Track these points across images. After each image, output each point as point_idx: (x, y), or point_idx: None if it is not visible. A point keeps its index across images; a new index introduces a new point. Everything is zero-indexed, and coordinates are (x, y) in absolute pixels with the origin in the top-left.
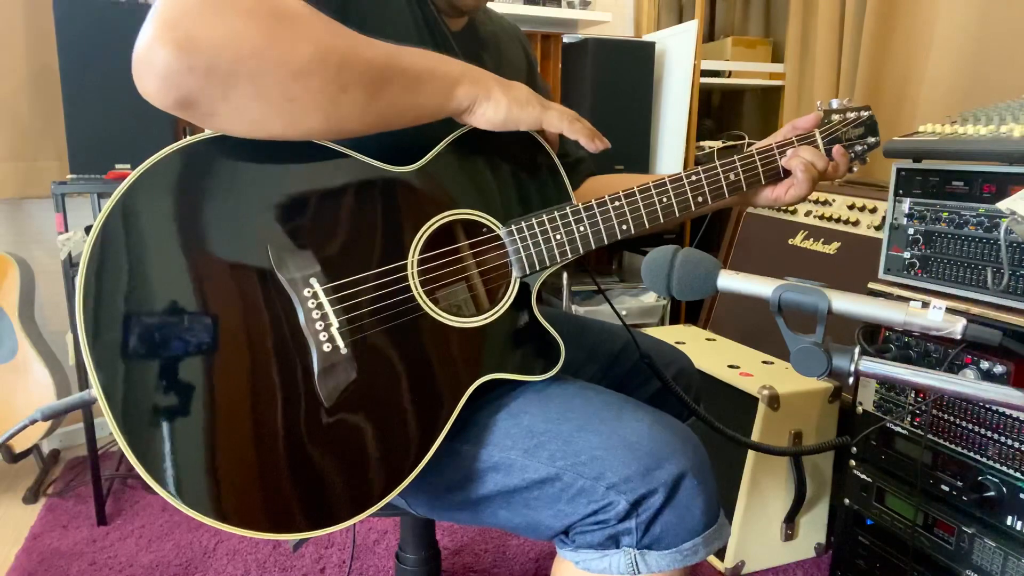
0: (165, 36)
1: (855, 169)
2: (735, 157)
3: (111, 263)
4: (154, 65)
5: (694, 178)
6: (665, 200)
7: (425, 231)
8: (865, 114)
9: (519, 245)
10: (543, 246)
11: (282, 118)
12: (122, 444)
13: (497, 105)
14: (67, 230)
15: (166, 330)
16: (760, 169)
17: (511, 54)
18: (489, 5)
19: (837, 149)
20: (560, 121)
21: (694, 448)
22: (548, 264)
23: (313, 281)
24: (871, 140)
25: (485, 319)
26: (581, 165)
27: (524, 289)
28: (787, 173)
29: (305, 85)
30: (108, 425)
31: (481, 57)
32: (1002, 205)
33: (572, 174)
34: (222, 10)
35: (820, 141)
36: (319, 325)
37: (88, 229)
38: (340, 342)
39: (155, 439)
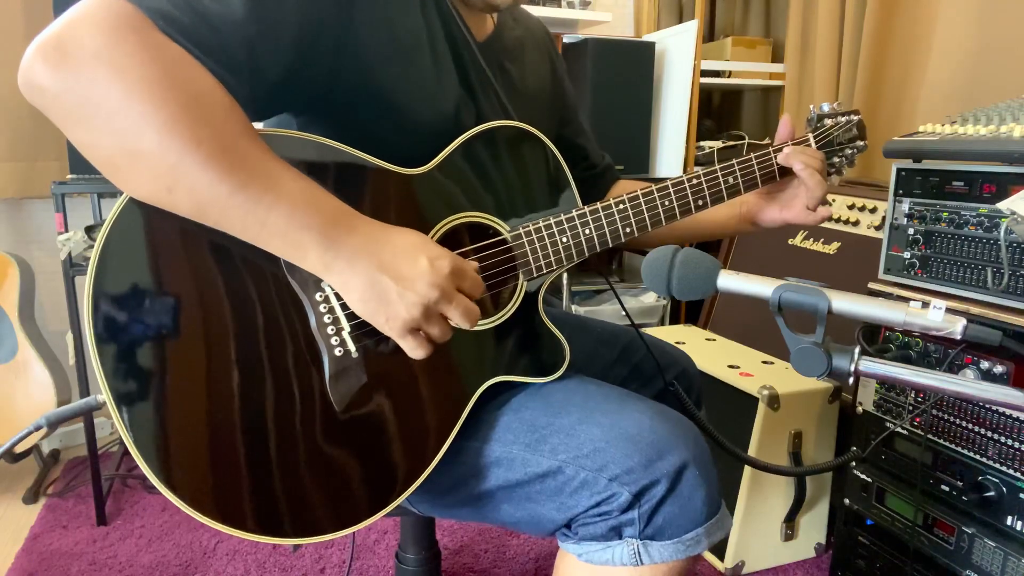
0: (47, 49)
1: (844, 172)
2: (733, 161)
3: (119, 268)
4: (25, 69)
5: (695, 181)
6: (667, 203)
7: (434, 234)
8: (855, 118)
9: (526, 248)
10: (550, 249)
11: (107, 174)
12: (134, 452)
13: (353, 301)
14: (67, 230)
15: (176, 335)
16: (757, 172)
17: (536, 63)
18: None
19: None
20: (414, 350)
21: (695, 439)
22: (555, 267)
23: (324, 285)
24: (860, 144)
25: (493, 322)
26: (608, 172)
27: (530, 292)
28: (783, 173)
29: (132, 164)
30: (108, 426)
31: (505, 67)
32: (1002, 205)
33: (600, 181)
34: (110, 54)
35: (814, 145)
36: (330, 329)
37: (88, 229)
38: (351, 346)
39: (167, 447)
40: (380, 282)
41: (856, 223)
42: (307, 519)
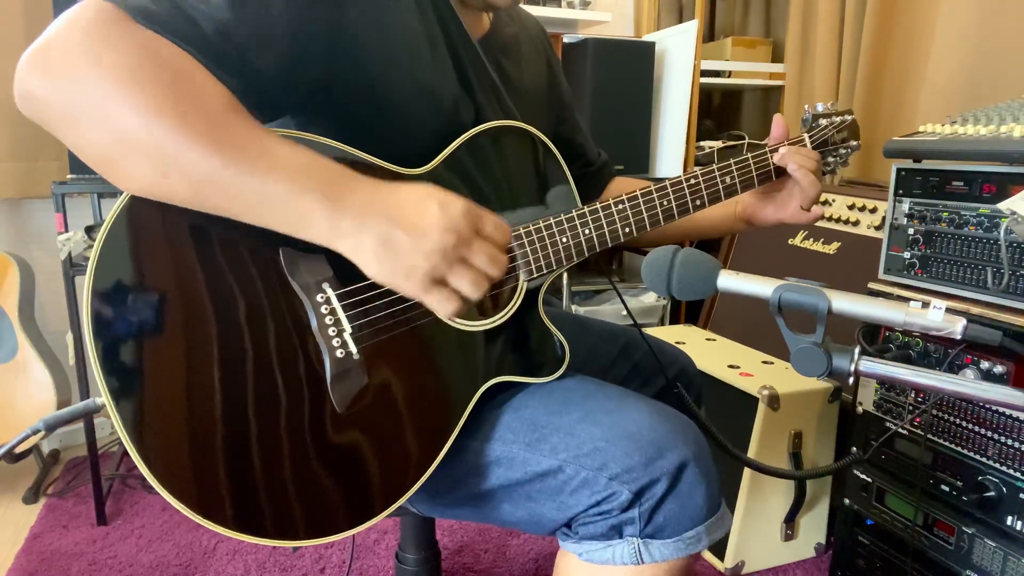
0: (36, 58)
1: (838, 171)
2: (731, 161)
3: (119, 268)
4: (19, 83)
5: (692, 181)
6: (665, 203)
7: None
8: (849, 118)
9: (527, 248)
10: (549, 249)
11: (104, 173)
12: (134, 455)
13: (368, 264)
14: (67, 230)
15: (176, 337)
16: (754, 172)
17: (532, 60)
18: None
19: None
20: (442, 305)
21: (695, 437)
22: (555, 267)
23: (326, 286)
24: (853, 143)
25: (493, 323)
26: (605, 169)
27: (530, 292)
28: (779, 172)
29: (124, 154)
30: (108, 426)
31: (501, 65)
32: (1002, 205)
33: (596, 179)
34: (90, 49)
35: (809, 145)
36: (332, 331)
37: (88, 229)
38: (353, 347)
39: (167, 449)
40: (392, 236)
41: (856, 223)
42: (310, 520)
